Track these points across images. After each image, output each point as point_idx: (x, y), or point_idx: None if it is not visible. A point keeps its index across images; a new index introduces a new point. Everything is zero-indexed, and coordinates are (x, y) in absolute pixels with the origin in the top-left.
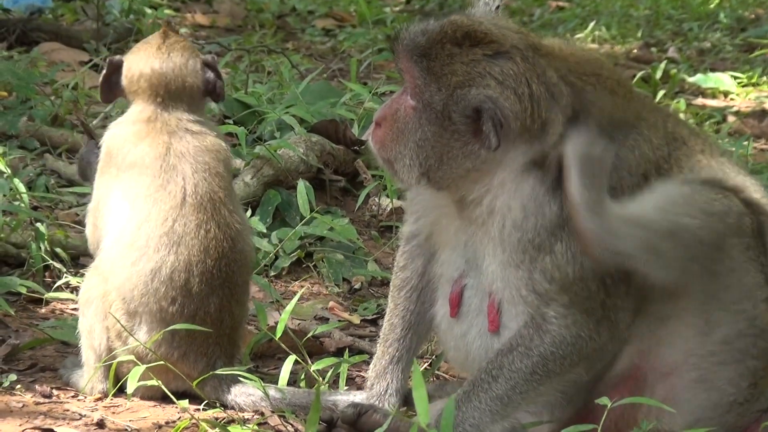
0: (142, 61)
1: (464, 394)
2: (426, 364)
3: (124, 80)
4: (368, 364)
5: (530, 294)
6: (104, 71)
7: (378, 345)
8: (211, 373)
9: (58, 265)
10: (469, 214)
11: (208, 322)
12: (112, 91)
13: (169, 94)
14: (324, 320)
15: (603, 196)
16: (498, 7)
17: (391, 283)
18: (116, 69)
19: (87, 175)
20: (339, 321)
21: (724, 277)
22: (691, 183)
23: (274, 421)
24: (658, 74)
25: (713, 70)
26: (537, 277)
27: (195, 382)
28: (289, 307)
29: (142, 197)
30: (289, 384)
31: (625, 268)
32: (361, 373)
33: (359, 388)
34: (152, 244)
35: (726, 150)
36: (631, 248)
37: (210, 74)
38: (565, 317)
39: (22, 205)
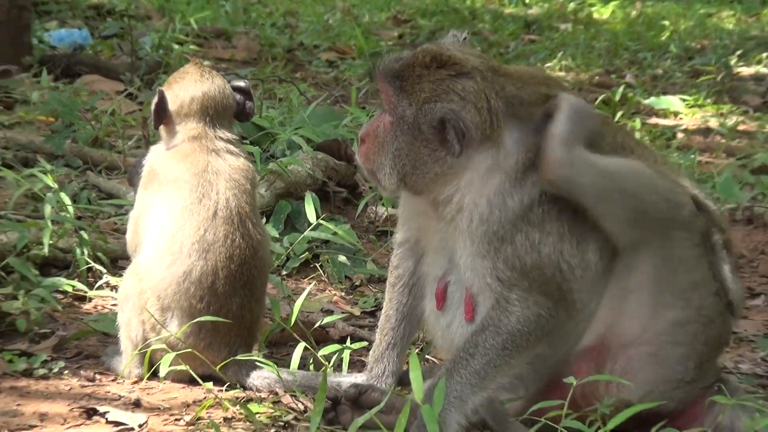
0: (191, 87)
1: (447, 371)
2: (417, 350)
3: (174, 106)
4: (368, 350)
5: (494, 281)
6: (156, 102)
7: (376, 334)
8: (232, 359)
9: (99, 267)
10: (442, 213)
11: (231, 317)
12: (160, 118)
13: (217, 113)
14: (329, 312)
15: (578, 141)
16: (465, 38)
17: (387, 281)
18: (162, 99)
19: (134, 181)
20: (342, 313)
21: (673, 263)
22: (660, 171)
23: (287, 399)
24: (617, 97)
25: (665, 93)
26: (500, 266)
27: (218, 367)
28: (299, 301)
29: (179, 209)
30: (299, 368)
31: (573, 200)
32: (362, 358)
33: (360, 371)
34: (185, 250)
35: (674, 162)
36: (586, 185)
37: (239, 97)
38: (526, 299)
39: (68, 215)
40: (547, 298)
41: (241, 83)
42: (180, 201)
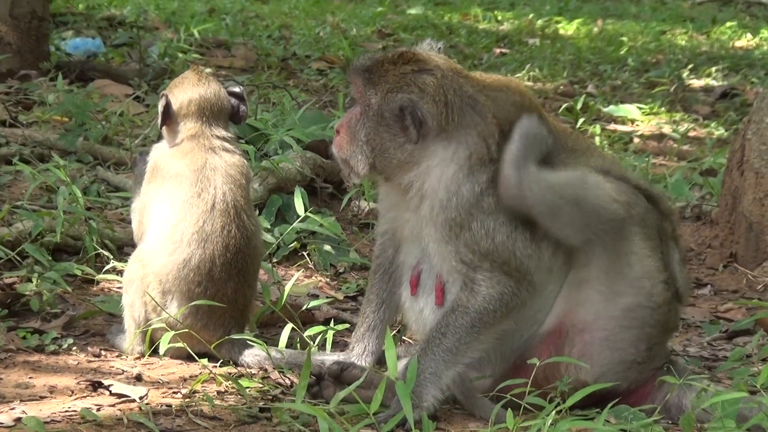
0: (189, 90)
1: (421, 350)
2: (395, 331)
3: (175, 107)
4: (350, 331)
5: (459, 264)
6: (162, 104)
7: (359, 316)
8: (226, 338)
9: (106, 253)
10: (409, 202)
11: (225, 301)
12: (165, 119)
13: (213, 114)
14: (315, 297)
15: (530, 161)
16: (440, 48)
17: (370, 269)
18: (167, 102)
19: (137, 171)
20: (327, 297)
21: (626, 256)
22: (606, 174)
23: (275, 375)
24: (579, 105)
25: (623, 102)
26: (462, 250)
27: (213, 345)
28: (288, 286)
29: (180, 202)
30: (286, 347)
31: (530, 217)
32: (344, 338)
33: (342, 350)
34: (185, 240)
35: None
36: (537, 202)
37: (234, 100)
38: (490, 279)
39: (78, 206)
40: (509, 278)
41: (236, 88)
42: (181, 195)
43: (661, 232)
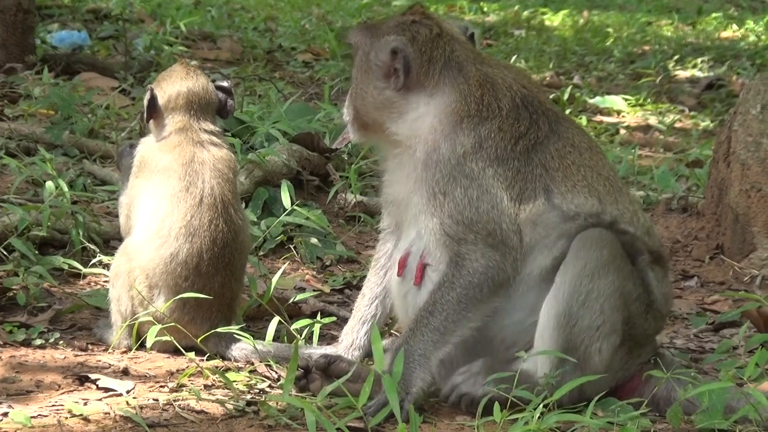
0: (177, 84)
1: (410, 331)
2: (385, 325)
3: (162, 100)
4: (337, 324)
5: (444, 236)
6: (148, 98)
7: (351, 309)
8: (212, 331)
9: (92, 247)
10: (398, 157)
11: (212, 295)
12: (151, 113)
13: (200, 107)
14: (302, 290)
15: None
16: (472, 34)
17: (370, 264)
18: (152, 96)
19: (121, 165)
20: (313, 290)
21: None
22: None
23: (262, 369)
24: (566, 96)
25: (609, 93)
26: (446, 221)
27: (199, 339)
28: (275, 279)
29: (168, 196)
30: (273, 340)
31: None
32: (331, 332)
33: (329, 343)
34: (173, 234)
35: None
36: None
37: (221, 95)
38: (474, 252)
39: (65, 200)
40: (494, 251)
41: (224, 83)
42: (169, 189)
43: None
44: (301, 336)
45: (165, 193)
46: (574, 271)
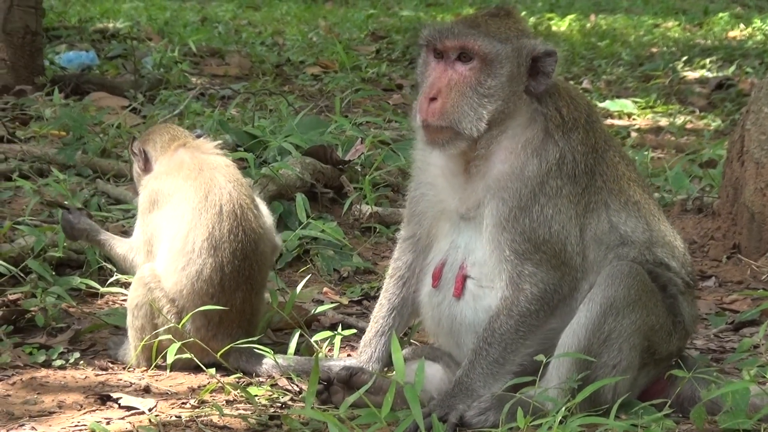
0: (159, 132)
1: (469, 363)
2: (403, 335)
3: (153, 148)
4: (356, 336)
5: (511, 253)
6: (141, 160)
7: (369, 321)
8: (231, 344)
9: (109, 266)
10: (473, 169)
11: (234, 311)
12: (147, 169)
13: (188, 134)
14: (320, 302)
15: None
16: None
17: (387, 273)
18: (144, 154)
19: (75, 229)
20: (331, 302)
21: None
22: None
23: (283, 382)
24: None
25: (618, 96)
26: (518, 238)
27: (219, 354)
28: (297, 291)
29: (189, 210)
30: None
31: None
32: (350, 343)
33: (349, 355)
34: (197, 249)
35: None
36: None
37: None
38: (536, 274)
39: None
40: (555, 271)
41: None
42: (189, 203)
43: (663, 288)
44: (321, 348)
45: (186, 209)
46: (599, 308)
